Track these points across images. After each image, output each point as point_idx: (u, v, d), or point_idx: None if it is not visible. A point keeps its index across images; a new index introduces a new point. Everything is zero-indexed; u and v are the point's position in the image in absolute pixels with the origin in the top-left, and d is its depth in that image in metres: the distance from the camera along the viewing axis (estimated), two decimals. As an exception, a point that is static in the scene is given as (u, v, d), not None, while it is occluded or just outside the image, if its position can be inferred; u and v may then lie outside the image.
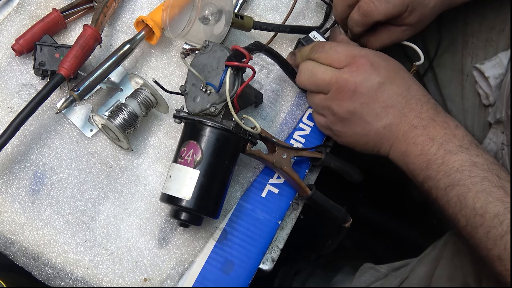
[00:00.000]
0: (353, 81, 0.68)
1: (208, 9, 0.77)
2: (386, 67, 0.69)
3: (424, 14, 0.77)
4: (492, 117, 0.80)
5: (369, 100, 0.68)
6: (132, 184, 0.76)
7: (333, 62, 0.71)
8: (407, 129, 0.68)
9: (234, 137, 0.70)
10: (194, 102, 0.70)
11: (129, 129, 0.73)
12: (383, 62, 0.70)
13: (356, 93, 0.68)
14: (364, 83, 0.68)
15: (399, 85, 0.68)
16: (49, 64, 0.76)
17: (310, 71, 0.73)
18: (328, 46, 0.73)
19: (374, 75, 0.68)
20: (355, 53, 0.70)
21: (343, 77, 0.69)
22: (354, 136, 0.72)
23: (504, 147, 0.75)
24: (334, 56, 0.71)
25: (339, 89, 0.69)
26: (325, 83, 0.71)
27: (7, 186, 0.73)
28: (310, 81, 0.73)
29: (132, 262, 0.72)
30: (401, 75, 0.70)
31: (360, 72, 0.68)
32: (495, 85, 0.81)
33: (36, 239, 0.71)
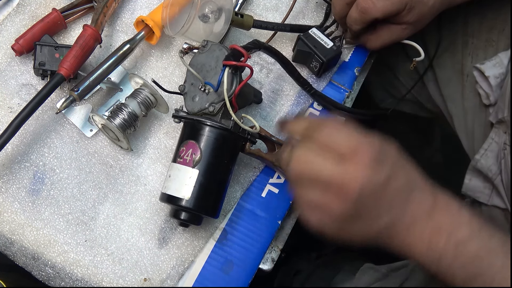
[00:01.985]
0: (360, 179, 0.57)
1: (208, 7, 0.77)
2: (391, 159, 0.60)
3: (423, 12, 0.77)
4: (494, 117, 0.80)
5: (374, 200, 0.58)
6: (132, 184, 0.76)
7: (335, 149, 0.58)
8: (410, 222, 0.60)
9: (233, 136, 0.70)
10: (193, 102, 0.71)
11: (129, 129, 0.73)
12: (386, 159, 0.60)
13: (363, 193, 0.57)
14: (371, 181, 0.57)
15: (401, 183, 0.60)
16: (49, 64, 0.76)
17: (307, 159, 0.59)
18: (329, 128, 0.60)
19: (380, 170, 0.58)
20: (358, 143, 0.59)
21: (348, 173, 0.57)
22: (351, 234, 0.61)
23: (506, 147, 0.75)
24: (337, 143, 0.59)
25: (342, 187, 0.57)
26: (326, 178, 0.58)
27: (7, 186, 0.73)
28: (306, 173, 0.59)
29: (132, 262, 0.72)
30: (403, 171, 0.61)
31: (367, 168, 0.57)
32: (495, 84, 0.81)
33: (36, 239, 0.71)
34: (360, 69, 0.87)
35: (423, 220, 0.59)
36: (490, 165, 0.78)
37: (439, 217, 0.59)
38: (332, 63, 0.85)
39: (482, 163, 0.79)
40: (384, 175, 0.58)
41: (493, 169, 0.77)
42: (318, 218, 0.62)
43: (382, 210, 0.59)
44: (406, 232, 0.60)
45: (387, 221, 0.60)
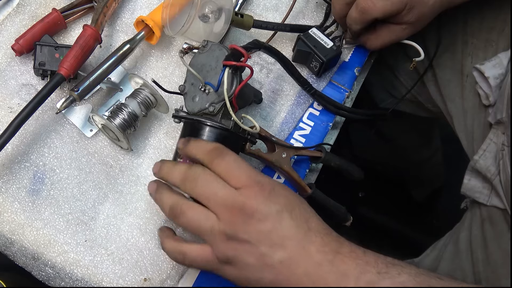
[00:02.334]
0: (250, 205, 0.59)
1: (208, 7, 0.77)
2: (286, 197, 0.61)
3: (423, 12, 0.77)
4: (493, 118, 0.80)
5: (265, 229, 0.58)
6: (132, 184, 0.76)
7: (232, 178, 0.60)
8: (311, 268, 0.58)
9: (233, 137, 0.69)
10: (193, 102, 0.70)
11: (129, 129, 0.73)
12: (283, 192, 0.62)
13: (253, 219, 0.58)
14: (261, 209, 0.59)
15: (298, 216, 0.60)
16: (49, 64, 0.76)
17: (205, 181, 0.61)
18: (233, 158, 0.62)
19: (273, 203, 0.59)
20: (256, 177, 0.61)
21: (240, 199, 0.59)
22: (246, 269, 0.60)
23: (504, 147, 0.75)
24: (235, 173, 0.61)
25: (234, 211, 0.59)
26: (218, 201, 0.60)
27: (7, 186, 0.73)
28: (201, 192, 0.61)
29: (132, 262, 0.72)
30: (301, 207, 0.61)
31: (258, 197, 0.59)
32: (495, 85, 0.81)
33: (36, 239, 0.71)
34: (360, 69, 0.87)
35: (325, 266, 0.58)
36: (488, 165, 0.78)
37: (343, 263, 0.58)
38: (332, 63, 0.85)
39: (480, 164, 0.79)
40: (278, 206, 0.59)
41: (492, 169, 0.77)
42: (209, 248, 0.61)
43: (277, 241, 0.58)
44: (306, 278, 0.58)
45: (282, 257, 0.58)
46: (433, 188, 1.57)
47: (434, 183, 1.57)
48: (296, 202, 0.61)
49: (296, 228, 0.59)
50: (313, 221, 0.61)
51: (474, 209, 0.84)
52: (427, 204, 1.56)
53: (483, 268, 0.79)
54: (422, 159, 1.48)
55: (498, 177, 0.76)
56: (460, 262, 0.82)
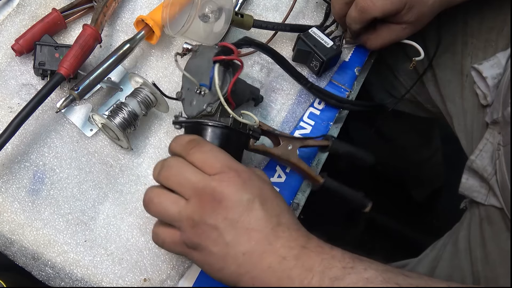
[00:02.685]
0: (220, 191, 0.58)
1: (208, 7, 0.77)
2: (260, 188, 0.60)
3: (422, 11, 0.77)
4: (489, 117, 0.80)
5: (233, 217, 0.58)
6: (132, 183, 0.76)
7: (206, 166, 0.60)
8: (275, 262, 0.57)
9: (235, 133, 0.69)
10: (191, 106, 0.70)
11: (129, 128, 0.73)
12: (258, 183, 0.61)
13: (221, 205, 0.58)
14: (231, 196, 0.58)
15: (269, 209, 0.59)
16: (49, 64, 0.76)
17: (179, 168, 0.61)
18: (209, 147, 0.62)
19: (245, 192, 0.58)
20: (232, 165, 0.61)
21: (211, 184, 0.58)
22: (210, 257, 0.59)
23: (500, 147, 0.75)
24: (210, 160, 0.60)
25: (203, 196, 0.58)
26: (190, 186, 0.59)
27: (7, 186, 0.73)
28: (174, 180, 0.61)
29: (132, 262, 0.72)
30: (274, 201, 0.60)
31: (230, 184, 0.59)
32: (492, 85, 0.81)
33: (36, 239, 0.71)
34: (360, 69, 0.87)
35: (290, 261, 0.57)
36: (485, 165, 0.78)
37: (309, 257, 0.57)
38: (332, 63, 0.85)
39: (477, 164, 0.79)
40: (249, 195, 0.59)
41: (488, 169, 0.77)
42: (178, 233, 0.61)
43: (242, 232, 0.58)
44: (270, 271, 0.57)
45: (246, 249, 0.57)
46: (433, 188, 1.57)
47: (434, 183, 1.57)
48: (270, 195, 0.61)
49: (265, 221, 0.58)
50: (284, 217, 0.60)
51: (473, 209, 0.84)
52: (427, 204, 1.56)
53: (481, 267, 0.79)
54: (422, 159, 1.48)
55: (495, 177, 0.76)
56: (459, 261, 0.82)
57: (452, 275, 0.82)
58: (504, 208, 0.76)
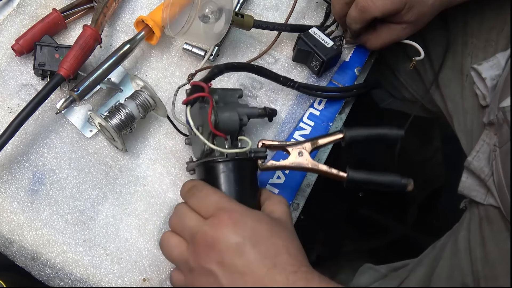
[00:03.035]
0: (211, 235, 0.58)
1: (208, 8, 0.77)
2: (253, 228, 0.59)
3: (423, 11, 0.77)
4: (486, 118, 0.80)
5: (227, 261, 0.57)
6: (131, 184, 0.76)
7: (201, 210, 0.61)
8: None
9: (236, 163, 0.67)
10: (196, 149, 0.71)
11: (125, 129, 0.73)
12: (251, 223, 0.59)
13: (213, 249, 0.58)
14: (222, 240, 0.58)
15: (263, 251, 0.57)
16: (49, 65, 0.76)
17: (180, 214, 0.63)
18: (204, 192, 0.63)
19: (234, 234, 0.58)
20: (223, 206, 0.60)
21: (203, 229, 0.59)
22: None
23: (496, 148, 0.75)
24: (204, 205, 0.62)
25: (197, 241, 0.59)
26: (188, 231, 0.61)
27: (6, 186, 0.73)
28: (177, 225, 0.63)
29: (131, 262, 0.72)
30: (269, 241, 0.58)
31: (220, 227, 0.58)
32: (491, 86, 0.81)
33: (35, 239, 0.71)
34: (360, 69, 0.87)
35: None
36: (482, 166, 0.78)
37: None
38: (333, 63, 0.85)
39: (474, 165, 0.79)
40: (238, 238, 0.58)
41: (485, 170, 0.77)
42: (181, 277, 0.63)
43: (236, 276, 0.57)
44: None
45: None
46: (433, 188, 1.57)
47: (434, 183, 1.56)
48: (264, 235, 0.59)
49: (259, 263, 0.57)
50: (281, 257, 0.58)
51: (472, 208, 0.84)
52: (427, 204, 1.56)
53: (481, 267, 0.79)
54: (422, 159, 1.48)
55: (492, 178, 0.76)
56: (459, 261, 0.82)
57: (452, 275, 0.82)
58: (502, 208, 0.76)
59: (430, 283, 0.83)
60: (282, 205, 0.66)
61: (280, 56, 0.86)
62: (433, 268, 0.85)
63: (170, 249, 0.63)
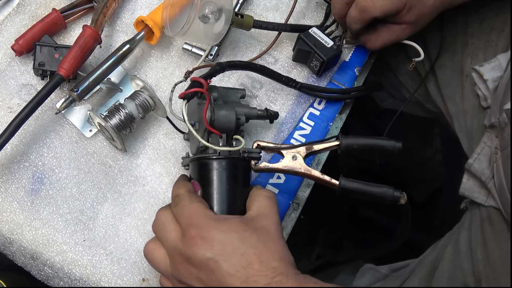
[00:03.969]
0: (185, 253, 0.59)
1: (208, 8, 0.76)
2: (222, 242, 0.59)
3: (423, 12, 0.77)
4: (488, 121, 0.79)
5: (202, 277, 0.58)
6: (131, 184, 0.76)
7: (179, 221, 0.62)
8: None
9: (229, 161, 0.66)
10: (192, 145, 0.72)
11: (124, 129, 0.73)
12: (220, 236, 0.59)
13: (191, 266, 0.59)
14: (194, 258, 0.58)
15: (235, 264, 0.57)
16: (49, 65, 0.76)
17: (161, 224, 0.64)
18: (182, 203, 0.63)
19: (205, 251, 0.58)
20: (193, 222, 0.61)
21: (179, 247, 0.60)
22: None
23: (497, 151, 0.75)
24: (180, 217, 0.62)
25: (176, 259, 0.61)
26: (168, 244, 0.62)
27: (6, 186, 0.73)
28: (160, 236, 0.64)
29: (130, 262, 0.72)
30: (240, 251, 0.58)
31: (191, 246, 0.59)
32: (493, 88, 0.81)
33: (35, 238, 0.71)
34: (360, 69, 0.87)
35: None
36: (483, 169, 0.78)
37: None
38: (333, 62, 0.85)
39: (475, 167, 0.78)
40: (209, 253, 0.58)
41: (486, 173, 0.77)
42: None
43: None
44: None
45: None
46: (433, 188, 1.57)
47: (434, 183, 1.56)
48: (235, 246, 0.59)
49: (231, 278, 0.57)
50: (253, 267, 0.58)
51: (473, 209, 0.84)
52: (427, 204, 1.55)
53: (482, 267, 0.78)
54: (422, 159, 1.48)
55: (493, 181, 0.76)
56: (460, 262, 0.82)
57: (453, 276, 0.81)
58: (502, 211, 0.76)
59: (431, 283, 0.83)
60: (260, 200, 0.65)
61: (280, 56, 0.86)
62: (434, 268, 0.85)
63: (155, 263, 0.64)
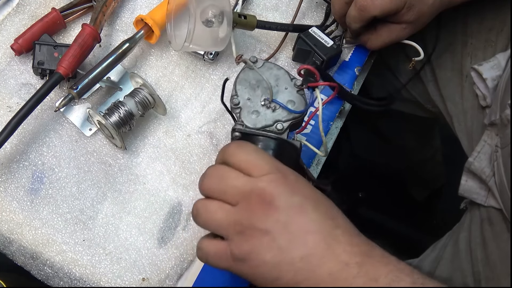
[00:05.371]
0: (270, 192, 0.53)
1: (211, 11, 0.75)
2: (312, 192, 0.56)
3: (422, 11, 0.77)
4: (488, 119, 0.79)
5: (286, 219, 0.53)
6: (131, 183, 0.76)
7: (252, 167, 0.55)
8: (336, 268, 0.51)
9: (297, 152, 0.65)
10: (256, 117, 0.65)
11: (124, 127, 0.73)
12: (307, 186, 0.57)
13: (272, 206, 0.53)
14: (283, 197, 0.53)
15: (324, 212, 0.54)
16: (48, 63, 0.76)
17: (220, 175, 0.56)
18: (253, 148, 0.58)
19: (296, 194, 0.54)
20: (279, 166, 0.56)
21: (259, 185, 0.54)
22: (263, 267, 0.53)
23: (498, 149, 0.75)
24: (256, 162, 0.56)
25: (251, 199, 0.54)
26: (235, 191, 0.55)
27: (5, 185, 0.73)
28: (217, 188, 0.56)
29: (130, 261, 0.72)
30: (326, 203, 0.56)
31: (280, 185, 0.54)
32: (492, 87, 0.81)
33: (34, 238, 0.71)
34: (360, 69, 0.87)
35: (353, 268, 0.52)
36: (483, 167, 0.78)
37: (374, 267, 0.52)
38: (333, 62, 0.85)
39: (475, 166, 0.78)
40: (301, 197, 0.54)
41: (487, 171, 0.77)
42: (224, 243, 0.55)
43: (298, 235, 0.53)
44: (331, 279, 0.52)
45: (304, 253, 0.52)
46: (433, 188, 1.57)
47: (434, 183, 1.56)
48: (321, 198, 0.56)
49: (321, 223, 0.53)
50: (341, 220, 0.55)
51: (473, 209, 0.84)
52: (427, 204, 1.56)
53: (482, 268, 0.78)
54: (422, 159, 1.48)
55: (493, 179, 0.76)
56: (459, 262, 0.82)
57: (452, 276, 0.81)
58: (503, 210, 0.76)
59: (432, 283, 0.83)
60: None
61: (280, 56, 0.86)
62: (434, 269, 0.85)
63: (211, 213, 0.56)
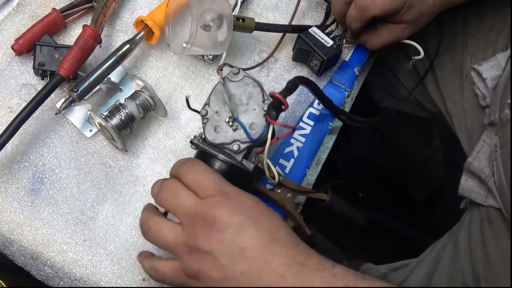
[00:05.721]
0: (211, 214, 0.58)
1: (209, 15, 0.75)
2: (252, 207, 0.60)
3: (423, 11, 0.77)
4: (487, 119, 0.80)
5: (226, 239, 0.57)
6: (131, 184, 0.76)
7: (198, 188, 0.60)
8: (273, 280, 0.56)
9: (248, 175, 0.67)
10: (215, 132, 0.67)
11: (125, 129, 0.73)
12: (250, 202, 0.60)
13: (214, 228, 0.57)
14: (223, 219, 0.57)
15: (263, 227, 0.58)
16: (49, 65, 0.76)
17: (174, 191, 0.61)
18: (202, 168, 0.62)
19: (236, 213, 0.58)
20: (223, 187, 0.60)
21: (202, 208, 0.58)
22: (210, 283, 0.58)
23: (497, 149, 0.75)
24: (202, 183, 0.60)
25: (196, 221, 0.58)
26: (183, 211, 0.60)
27: (6, 186, 0.73)
28: (171, 203, 0.61)
29: (130, 262, 0.72)
30: (267, 218, 0.59)
31: (221, 207, 0.58)
32: (492, 86, 0.81)
33: (35, 238, 0.71)
34: (360, 69, 0.87)
35: (289, 278, 0.55)
36: (483, 167, 0.78)
37: (308, 275, 0.56)
38: (333, 62, 0.85)
39: (475, 166, 0.78)
40: (241, 216, 0.58)
41: (486, 171, 0.77)
42: (174, 262, 0.61)
43: (237, 253, 0.57)
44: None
45: (244, 269, 0.56)
46: (433, 188, 1.57)
47: (434, 183, 1.57)
48: (263, 213, 0.60)
49: (259, 239, 0.57)
50: (280, 233, 0.59)
51: (473, 209, 0.84)
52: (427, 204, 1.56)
53: (482, 267, 0.79)
54: (422, 159, 1.48)
55: (493, 179, 0.76)
56: (459, 262, 0.82)
57: (452, 275, 0.82)
58: (503, 209, 0.76)
59: (431, 283, 0.83)
60: None
61: (280, 56, 0.86)
62: (434, 268, 0.85)
63: (162, 233, 0.61)
